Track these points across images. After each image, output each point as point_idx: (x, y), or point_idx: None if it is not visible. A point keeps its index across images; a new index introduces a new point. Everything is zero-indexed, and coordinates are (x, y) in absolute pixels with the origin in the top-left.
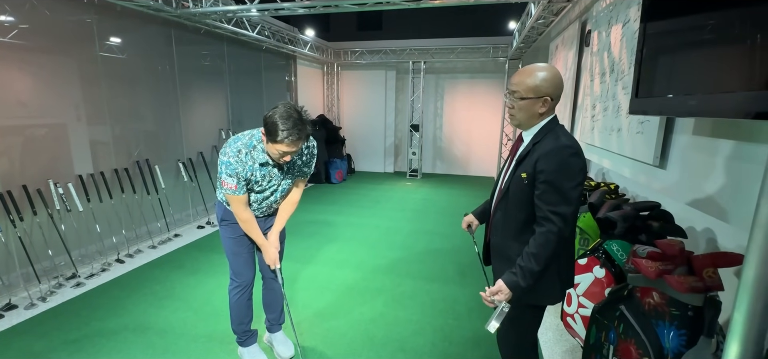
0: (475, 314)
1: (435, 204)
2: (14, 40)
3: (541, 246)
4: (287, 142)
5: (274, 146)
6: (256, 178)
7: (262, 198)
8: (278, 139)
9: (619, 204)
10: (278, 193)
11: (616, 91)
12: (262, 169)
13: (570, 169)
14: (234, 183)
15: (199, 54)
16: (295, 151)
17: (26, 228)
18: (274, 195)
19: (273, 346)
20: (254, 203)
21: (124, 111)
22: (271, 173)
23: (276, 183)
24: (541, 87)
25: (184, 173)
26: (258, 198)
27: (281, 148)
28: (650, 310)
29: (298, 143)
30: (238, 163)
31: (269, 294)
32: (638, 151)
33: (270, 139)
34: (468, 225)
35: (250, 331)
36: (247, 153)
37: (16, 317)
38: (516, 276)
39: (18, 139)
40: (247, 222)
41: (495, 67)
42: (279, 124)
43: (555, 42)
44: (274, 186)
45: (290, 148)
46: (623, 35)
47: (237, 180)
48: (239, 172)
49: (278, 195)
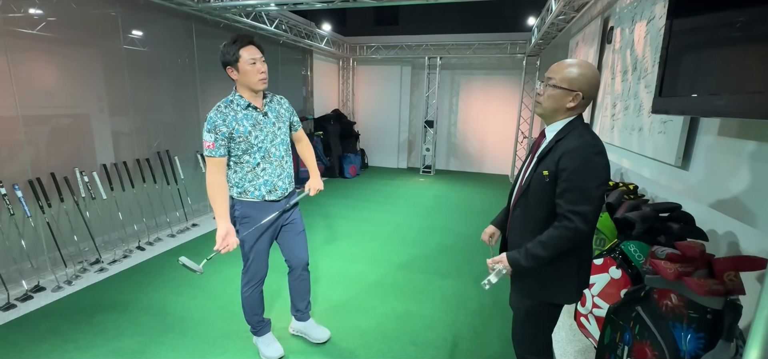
0: (488, 311)
1: (448, 200)
2: (42, 32)
3: (554, 238)
4: (244, 45)
5: (242, 63)
6: (245, 127)
7: (265, 152)
8: (236, 50)
9: (637, 204)
10: (279, 144)
11: (638, 89)
12: (247, 116)
13: (594, 168)
14: (211, 140)
15: (218, 48)
16: (260, 57)
17: (53, 215)
18: (275, 147)
19: (307, 333)
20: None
21: (146, 102)
22: (259, 120)
23: (270, 131)
24: (576, 81)
25: (202, 165)
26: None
27: (249, 56)
28: (667, 312)
29: (253, 47)
30: (219, 116)
31: (298, 284)
32: (660, 151)
33: (233, 62)
34: (489, 236)
35: (263, 321)
36: (227, 106)
37: (45, 298)
38: (519, 255)
39: (45, 128)
40: (213, 186)
41: (512, 63)
42: (226, 43)
43: (575, 39)
44: (270, 137)
45: (255, 52)
46: (647, 32)
47: (215, 137)
48: (220, 125)
49: (280, 146)
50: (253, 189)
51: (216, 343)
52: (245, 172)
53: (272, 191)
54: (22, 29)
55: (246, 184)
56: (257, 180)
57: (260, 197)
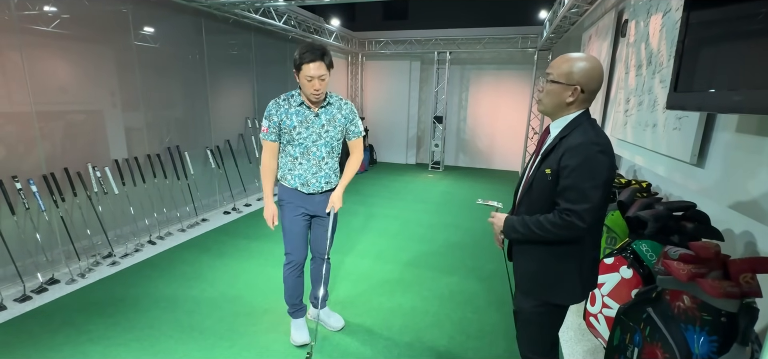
0: (494, 308)
1: (456, 197)
2: (57, 29)
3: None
4: (307, 60)
5: (302, 75)
6: (292, 122)
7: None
8: (300, 62)
9: (650, 203)
10: (322, 146)
11: (652, 84)
12: (298, 112)
13: (595, 167)
14: (266, 126)
15: (227, 44)
16: (319, 75)
17: (67, 209)
18: (317, 147)
19: (322, 321)
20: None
21: (157, 98)
22: (309, 118)
23: (316, 131)
24: (574, 74)
25: (211, 160)
26: (303, 150)
27: (307, 73)
28: (680, 314)
29: (318, 63)
30: (273, 106)
31: (316, 272)
32: (674, 148)
33: (296, 69)
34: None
35: (296, 305)
36: (285, 99)
37: (59, 291)
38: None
39: (59, 123)
40: (264, 168)
41: (523, 58)
42: (299, 50)
43: (588, 32)
44: (314, 136)
45: (314, 71)
46: (663, 25)
47: (269, 124)
48: (272, 114)
49: (322, 148)
50: (291, 178)
51: (224, 337)
52: (287, 161)
53: (305, 185)
54: (37, 26)
55: (286, 172)
56: (294, 171)
57: (294, 186)
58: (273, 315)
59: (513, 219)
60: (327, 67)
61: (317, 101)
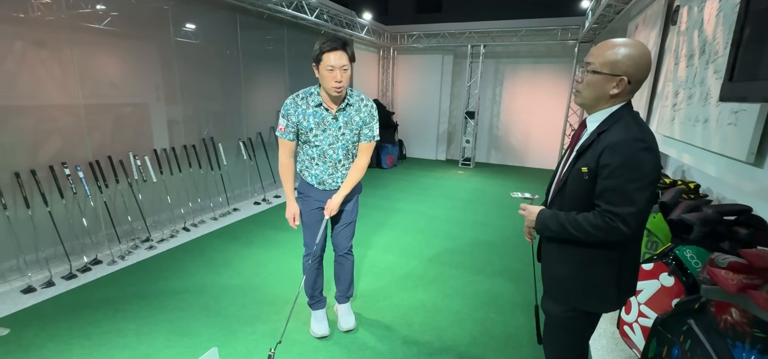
0: (520, 310)
1: (486, 194)
2: (108, 26)
3: (589, 222)
4: (328, 49)
5: (322, 66)
6: (309, 123)
7: (321, 152)
8: (320, 52)
9: (697, 205)
10: (339, 149)
11: (705, 75)
12: (316, 113)
13: (639, 167)
14: (283, 125)
15: (262, 38)
16: (341, 65)
17: (111, 195)
18: (333, 150)
19: (337, 316)
20: (319, 162)
21: (195, 92)
22: (326, 120)
23: (333, 134)
24: (620, 63)
25: (244, 152)
26: (320, 152)
27: (327, 63)
28: (727, 328)
29: (339, 53)
30: (291, 105)
31: (338, 268)
32: (728, 145)
33: (316, 62)
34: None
35: (315, 297)
36: (303, 98)
37: (101, 271)
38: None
39: (109, 116)
40: (282, 167)
41: (563, 50)
42: (319, 41)
43: (635, 21)
44: (331, 139)
45: (335, 61)
46: (720, 10)
47: (286, 122)
48: (290, 113)
49: (339, 150)
50: (308, 175)
51: (247, 323)
52: (304, 158)
53: (321, 184)
54: (89, 24)
55: (303, 169)
56: (311, 170)
57: (311, 183)
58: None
59: (546, 212)
60: (349, 58)
61: (337, 97)
